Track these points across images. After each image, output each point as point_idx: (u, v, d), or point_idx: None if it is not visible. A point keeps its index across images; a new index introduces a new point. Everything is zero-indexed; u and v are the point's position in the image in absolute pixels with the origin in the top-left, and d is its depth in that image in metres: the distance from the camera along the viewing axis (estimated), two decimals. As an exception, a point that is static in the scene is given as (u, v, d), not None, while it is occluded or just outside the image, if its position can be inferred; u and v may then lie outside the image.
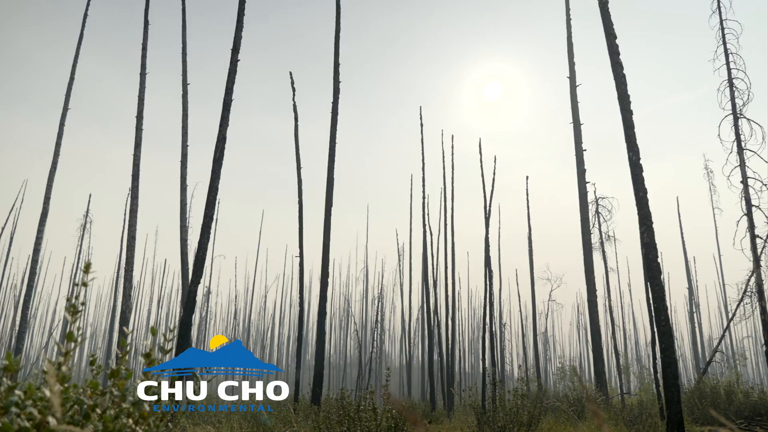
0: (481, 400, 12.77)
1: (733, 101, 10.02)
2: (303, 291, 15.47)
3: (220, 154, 10.39)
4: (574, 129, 18.05)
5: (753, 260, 9.56)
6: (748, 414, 11.02)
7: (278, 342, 51.61)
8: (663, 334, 7.26)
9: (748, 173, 9.79)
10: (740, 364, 33.07)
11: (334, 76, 14.62)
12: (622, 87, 8.31)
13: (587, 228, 16.85)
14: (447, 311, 21.61)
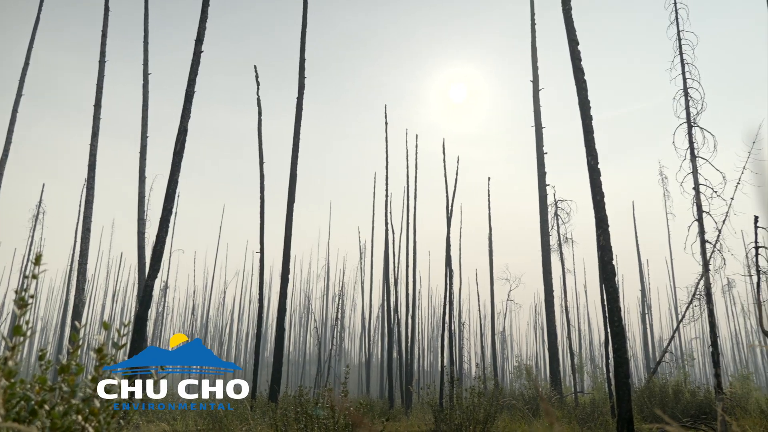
0: (439, 398, 12.89)
1: (688, 110, 10.36)
2: (263, 287, 15.31)
3: (181, 146, 10.20)
4: (535, 132, 18.35)
5: (702, 264, 9.90)
6: (694, 412, 11.42)
7: (237, 338, 51.02)
8: (616, 334, 7.46)
9: (700, 180, 10.12)
10: (688, 364, 34.21)
11: (299, 71, 14.51)
12: (583, 92, 8.49)
13: (546, 230, 17.17)
14: (407, 310, 21.72)
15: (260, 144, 15.98)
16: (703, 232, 9.86)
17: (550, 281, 17.14)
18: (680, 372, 23.32)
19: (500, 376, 41.49)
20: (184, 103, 10.37)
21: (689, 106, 10.35)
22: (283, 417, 6.92)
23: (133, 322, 9.63)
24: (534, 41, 19.30)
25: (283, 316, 13.10)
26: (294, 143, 13.93)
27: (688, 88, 10.46)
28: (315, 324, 28.99)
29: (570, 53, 8.79)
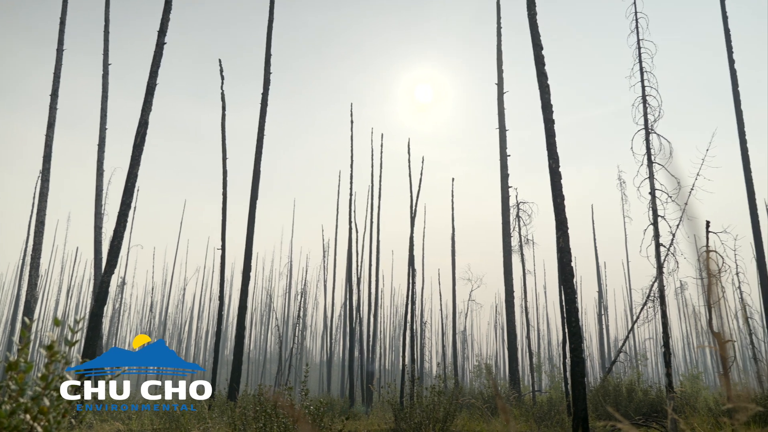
0: (400, 397, 12.93)
1: (646, 117, 10.65)
2: (224, 284, 15.11)
3: (142, 139, 9.98)
4: (499, 134, 18.59)
5: (656, 267, 10.19)
6: (646, 411, 11.76)
7: (196, 336, 50.21)
8: (573, 334, 7.61)
9: (656, 185, 10.42)
10: (641, 364, 35.17)
11: (265, 66, 14.36)
12: (546, 96, 8.63)
13: (508, 231, 17.41)
14: (369, 308, 21.73)
15: (224, 139, 15.75)
16: (658, 235, 10.15)
17: (510, 282, 17.39)
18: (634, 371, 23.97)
19: (461, 375, 41.91)
20: (146, 96, 10.15)
21: (647, 113, 10.65)
22: (242, 416, 6.84)
23: (88, 319, 9.37)
24: (499, 45, 19.54)
25: (244, 314, 12.95)
26: (258, 139, 13.79)
27: (647, 96, 10.75)
28: (277, 322, 28.72)
29: (534, 58, 8.93)
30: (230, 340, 50.47)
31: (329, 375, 27.89)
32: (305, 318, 41.80)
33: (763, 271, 12.07)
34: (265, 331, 49.73)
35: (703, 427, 7.71)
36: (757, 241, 12.09)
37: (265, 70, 14.34)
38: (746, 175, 12.12)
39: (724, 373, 7.01)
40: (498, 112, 18.89)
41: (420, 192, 14.80)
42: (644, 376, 29.89)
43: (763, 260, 12.11)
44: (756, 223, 11.96)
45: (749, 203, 12.00)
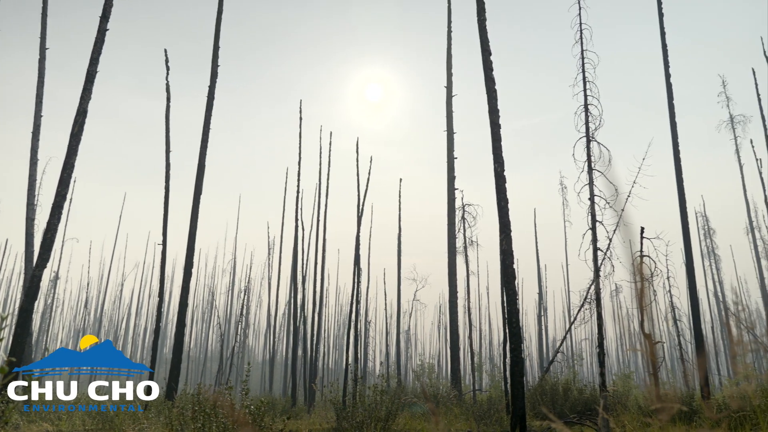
0: (342, 396, 12.91)
1: (587, 125, 11.01)
2: (164, 281, 14.69)
3: (80, 128, 9.59)
4: (447, 137, 18.83)
5: (593, 270, 10.55)
6: (581, 409, 12.16)
7: (134, 334, 48.64)
8: (513, 335, 7.79)
9: (595, 191, 10.78)
10: (578, 364, 36.34)
11: (212, 59, 14.06)
12: (493, 101, 8.80)
13: (453, 232, 17.66)
14: (314, 307, 21.60)
15: (167, 131, 15.31)
16: (595, 240, 10.50)
17: (454, 282, 17.65)
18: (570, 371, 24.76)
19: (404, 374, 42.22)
20: (85, 83, 9.76)
21: (588, 121, 11.00)
22: (180, 416, 6.68)
23: (17, 315, 8.94)
24: (450, 48, 19.79)
25: (185, 311, 12.64)
26: (204, 133, 13.49)
27: (589, 105, 11.11)
28: (218, 320, 28.15)
29: (483, 63, 9.08)
30: (170, 338, 49.18)
31: (272, 374, 27.56)
32: (248, 316, 41.15)
33: (691, 276, 12.68)
34: (207, 329, 48.71)
35: (632, 424, 8.03)
36: (686, 248, 12.69)
37: (212, 62, 14.04)
38: (678, 184, 12.70)
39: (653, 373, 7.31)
40: (446, 115, 19.13)
41: (367, 191, 14.82)
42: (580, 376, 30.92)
43: (691, 265, 12.72)
44: (686, 230, 12.55)
45: (680, 211, 12.58)
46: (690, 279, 12.71)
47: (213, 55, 14.09)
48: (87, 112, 9.68)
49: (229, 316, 44.80)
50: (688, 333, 22.14)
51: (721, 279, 33.67)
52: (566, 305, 41.90)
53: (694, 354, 15.32)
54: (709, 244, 33.62)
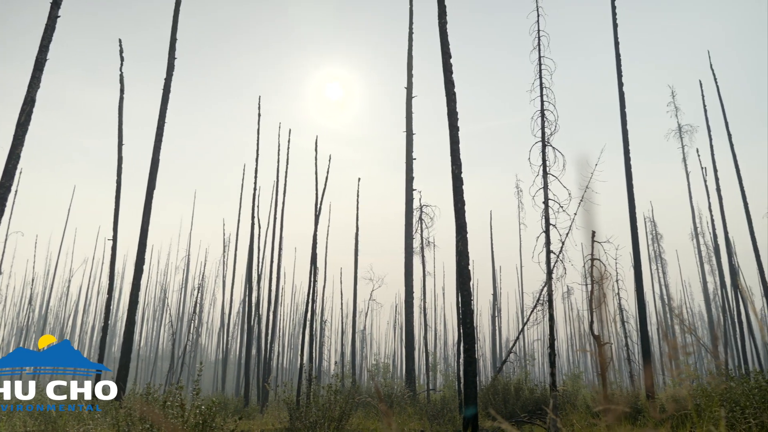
0: (296, 396, 12.81)
1: (543, 130, 11.23)
2: (114, 277, 14.27)
3: (27, 118, 9.22)
4: (406, 138, 18.91)
5: (546, 273, 10.77)
6: (532, 408, 12.39)
7: (81, 332, 47.10)
8: (467, 335, 7.88)
9: (549, 195, 11.00)
10: (529, 364, 37.04)
11: (169, 50, 13.74)
12: (452, 104, 8.88)
13: (410, 233, 17.75)
14: (269, 306, 21.36)
15: (120, 124, 14.89)
16: (549, 243, 10.72)
17: (411, 282, 17.73)
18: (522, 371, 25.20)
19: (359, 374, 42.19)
20: (33, 71, 9.38)
21: (544, 126, 11.23)
22: (127, 417, 6.50)
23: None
24: (410, 50, 19.88)
25: (135, 309, 12.31)
26: (159, 126, 13.17)
27: (545, 110, 11.34)
28: (170, 318, 27.51)
29: (443, 65, 9.15)
30: (119, 336, 47.81)
31: (224, 373, 27.13)
32: (201, 314, 40.41)
33: (639, 279, 13.09)
34: (158, 327, 47.59)
35: (580, 423, 8.24)
36: (635, 251, 13.09)
37: (169, 54, 13.72)
38: (629, 190, 13.09)
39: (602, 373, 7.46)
40: (406, 116, 19.22)
41: (326, 190, 14.73)
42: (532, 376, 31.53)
43: (639, 269, 13.13)
44: (635, 234, 12.95)
45: (630, 216, 12.97)
46: (638, 282, 13.12)
47: (170, 47, 13.77)
48: (35, 101, 9.32)
49: (182, 314, 43.88)
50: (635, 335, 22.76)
51: (667, 282, 34.88)
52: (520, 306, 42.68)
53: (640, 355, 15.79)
54: (657, 248, 34.78)
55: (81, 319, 47.46)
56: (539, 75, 11.53)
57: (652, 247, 35.03)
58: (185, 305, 43.80)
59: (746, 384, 6.68)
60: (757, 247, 18.64)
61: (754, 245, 18.67)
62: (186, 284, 43.56)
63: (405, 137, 18.95)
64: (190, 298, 42.90)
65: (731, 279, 22.15)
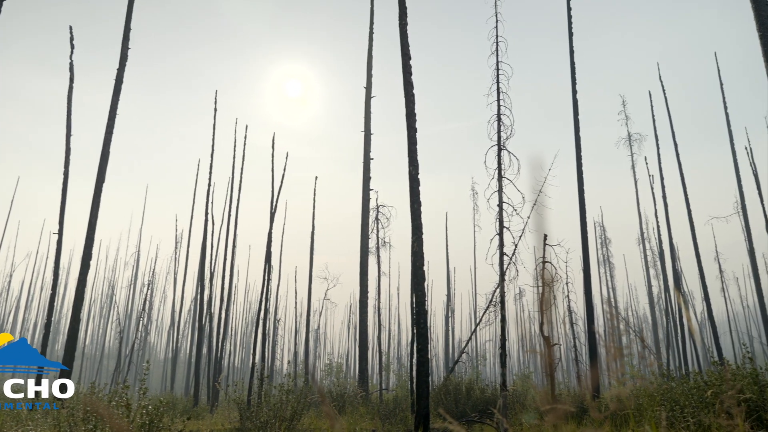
0: (247, 395, 12.64)
1: (499, 134, 11.42)
2: (59, 272, 13.78)
3: (-33, 105, 8.81)
4: (364, 137, 18.90)
5: (499, 275, 10.95)
6: (482, 407, 12.57)
7: (22, 328, 45.31)
8: (421, 335, 7.93)
9: (504, 198, 11.20)
10: (481, 364, 37.60)
11: (123, 41, 13.35)
12: (411, 105, 8.92)
13: (366, 232, 17.75)
14: (222, 304, 21.02)
15: (69, 114, 14.38)
16: (502, 245, 10.91)
17: (366, 282, 17.74)
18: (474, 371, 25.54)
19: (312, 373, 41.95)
20: (-24, 56, 8.98)
21: (501, 130, 11.42)
22: (70, 417, 6.28)
23: None
24: (370, 50, 19.89)
25: (81, 306, 11.91)
26: (110, 118, 12.78)
27: (501, 114, 11.53)
28: (118, 315, 26.77)
29: (402, 67, 9.19)
30: (63, 333, 46.28)
31: (174, 372, 26.56)
32: (151, 312, 39.40)
33: (588, 282, 13.45)
34: (105, 324, 46.18)
35: (529, 422, 8.41)
36: (584, 255, 13.45)
37: (122, 44, 13.33)
38: (580, 195, 13.43)
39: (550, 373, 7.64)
40: (364, 116, 19.21)
41: (282, 188, 14.59)
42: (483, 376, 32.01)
43: (588, 272, 13.50)
44: (585, 238, 13.30)
45: (580, 221, 13.31)
46: (586, 285, 13.47)
47: (123, 37, 13.38)
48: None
49: (130, 311, 42.72)
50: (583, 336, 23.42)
51: (615, 286, 35.96)
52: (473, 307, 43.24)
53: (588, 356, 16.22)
54: (605, 252, 35.82)
55: (23, 315, 45.69)
56: (497, 80, 11.72)
57: (601, 251, 36.07)
58: (134, 302, 42.68)
59: (686, 384, 6.95)
60: (699, 253, 19.42)
61: (696, 251, 19.45)
62: (135, 281, 42.45)
63: (363, 137, 18.95)
64: (140, 295, 41.81)
65: (674, 283, 23.01)
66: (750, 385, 5.98)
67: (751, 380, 6.06)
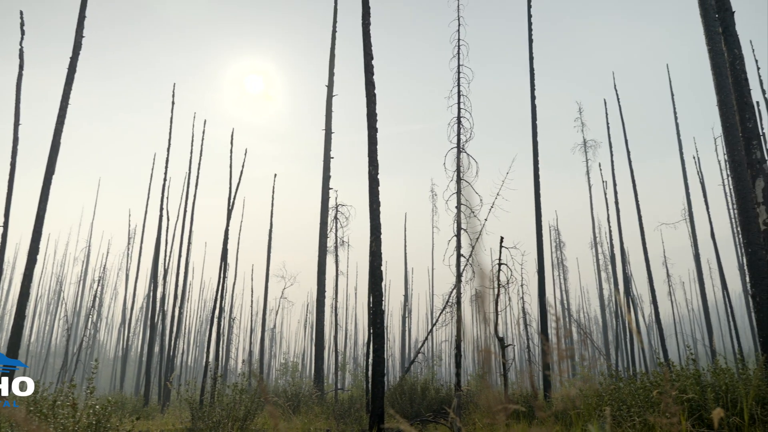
0: (200, 395, 12.42)
1: (459, 136, 11.54)
2: (3, 267, 13.25)
3: None
4: (325, 136, 18.83)
5: (456, 276, 11.07)
6: (437, 407, 12.67)
7: (-39, 325, 43.41)
8: (377, 335, 7.95)
9: (462, 200, 11.32)
10: (437, 364, 37.91)
11: (77, 28, 12.93)
12: (372, 105, 8.93)
13: (325, 231, 17.68)
14: (176, 302, 20.60)
15: (17, 102, 13.85)
16: (460, 247, 11.03)
17: (323, 281, 17.67)
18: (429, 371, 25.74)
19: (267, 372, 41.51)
20: None
21: (460, 133, 11.54)
22: (10, 417, 6.04)
23: None
24: (333, 48, 19.82)
25: (26, 302, 11.48)
26: (61, 108, 12.36)
27: (461, 117, 11.65)
28: (66, 312, 25.89)
29: (364, 66, 9.19)
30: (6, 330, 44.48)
31: (123, 371, 25.87)
32: (101, 309, 38.30)
33: (542, 284, 13.72)
34: (52, 321, 44.64)
35: (482, 422, 8.51)
36: (539, 258, 13.72)
37: (76, 32, 12.91)
38: (536, 199, 13.70)
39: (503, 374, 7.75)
40: (326, 114, 19.13)
41: (240, 184, 14.38)
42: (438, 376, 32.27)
43: (543, 274, 13.78)
44: (540, 241, 13.57)
45: (536, 224, 13.58)
46: (541, 287, 13.74)
47: (78, 24, 12.96)
48: None
49: (79, 308, 41.43)
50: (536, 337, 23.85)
51: (568, 288, 36.83)
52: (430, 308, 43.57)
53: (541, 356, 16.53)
54: (559, 255, 36.62)
55: (-38, 311, 43.76)
56: (457, 83, 11.83)
57: (556, 254, 36.85)
58: (83, 299, 41.42)
59: (633, 384, 7.16)
60: (648, 258, 20.06)
61: (645, 255, 20.09)
62: (85, 277, 41.19)
63: (324, 135, 18.86)
64: (89, 291, 40.59)
65: (624, 286, 23.69)
66: (692, 386, 6.21)
67: (694, 381, 6.29)
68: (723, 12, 8.11)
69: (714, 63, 10.00)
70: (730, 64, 7.96)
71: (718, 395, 6.02)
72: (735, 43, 7.98)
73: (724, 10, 8.10)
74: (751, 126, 7.58)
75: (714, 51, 10.00)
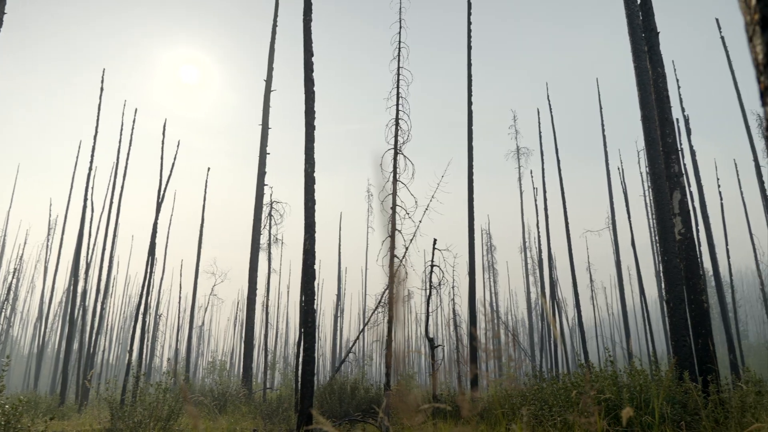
0: (121, 394, 11.95)
1: (396, 138, 11.63)
2: None
3: None
4: (262, 131, 18.53)
5: (389, 276, 11.15)
6: (366, 407, 12.72)
7: None
8: (308, 334, 7.91)
9: (397, 202, 11.41)
10: (367, 364, 38.08)
11: (-2, 5, 12.17)
12: (310, 102, 8.87)
13: (258, 228, 17.40)
14: (98, 296, 19.75)
15: (-72, 80, 12.92)
16: (394, 247, 11.11)
17: (255, 279, 17.38)
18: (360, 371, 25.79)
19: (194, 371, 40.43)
20: None
21: (398, 134, 11.63)
22: None
23: None
24: (273, 43, 19.54)
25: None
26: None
27: (399, 119, 11.75)
28: (-25, 306, 24.30)
29: (304, 63, 9.12)
30: None
31: (39, 369, 24.57)
32: (15, 302, 36.19)
33: (472, 286, 14.04)
34: (-41, 315, 41.79)
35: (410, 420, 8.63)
36: (471, 260, 14.03)
37: (-3, 9, 12.14)
38: (469, 202, 13.99)
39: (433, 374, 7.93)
40: (263, 109, 18.84)
41: (171, 177, 13.95)
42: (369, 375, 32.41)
43: (473, 276, 14.09)
44: (472, 244, 13.87)
45: (469, 227, 13.87)
46: (471, 289, 14.05)
47: (-1, 1, 12.20)
48: None
49: (-9, 301, 38.95)
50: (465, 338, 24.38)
51: (497, 291, 37.81)
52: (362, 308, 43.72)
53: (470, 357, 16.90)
54: (490, 259, 37.57)
55: None
56: (397, 85, 11.93)
57: (487, 257, 37.78)
58: (-4, 292, 38.98)
59: (555, 385, 7.44)
60: (573, 263, 20.89)
61: (571, 261, 20.91)
62: (-1, 268, 38.79)
63: (260, 130, 18.57)
64: (3, 283, 38.28)
65: (550, 290, 24.57)
66: (610, 386, 6.52)
67: (611, 382, 6.60)
68: (649, 32, 8.56)
69: (639, 80, 10.53)
70: (653, 82, 8.41)
71: (633, 395, 6.33)
72: (659, 62, 8.44)
73: (650, 30, 8.55)
74: (670, 141, 8.04)
75: (640, 68, 10.53)
